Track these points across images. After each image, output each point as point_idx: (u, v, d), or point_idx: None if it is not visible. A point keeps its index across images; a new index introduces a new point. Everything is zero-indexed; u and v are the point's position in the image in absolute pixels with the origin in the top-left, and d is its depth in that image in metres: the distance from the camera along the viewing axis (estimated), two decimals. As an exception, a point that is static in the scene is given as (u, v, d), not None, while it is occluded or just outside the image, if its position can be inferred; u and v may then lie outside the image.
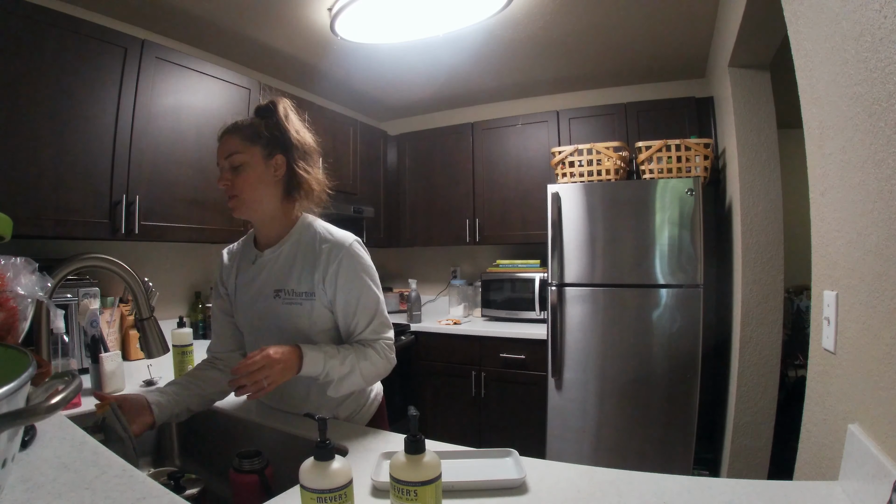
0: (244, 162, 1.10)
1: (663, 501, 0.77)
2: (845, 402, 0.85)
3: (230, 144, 1.11)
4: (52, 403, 0.44)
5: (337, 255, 1.12)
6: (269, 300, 1.16)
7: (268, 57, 2.74)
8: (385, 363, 1.16)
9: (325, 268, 1.12)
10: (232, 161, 1.10)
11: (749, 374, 2.03)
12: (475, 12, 2.19)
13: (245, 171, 1.10)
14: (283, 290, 1.14)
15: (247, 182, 1.10)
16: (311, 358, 1.04)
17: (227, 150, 1.11)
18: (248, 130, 1.12)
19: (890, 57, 0.67)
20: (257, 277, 1.18)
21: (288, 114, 1.16)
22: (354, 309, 1.14)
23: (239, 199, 1.11)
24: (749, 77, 2.00)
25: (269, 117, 1.15)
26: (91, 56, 1.78)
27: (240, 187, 1.10)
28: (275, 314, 1.15)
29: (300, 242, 1.17)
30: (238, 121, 1.15)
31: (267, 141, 1.12)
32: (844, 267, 0.87)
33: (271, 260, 1.17)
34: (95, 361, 1.56)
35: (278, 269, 1.16)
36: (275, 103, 1.16)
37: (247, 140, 1.11)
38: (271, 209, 1.15)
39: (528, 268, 3.05)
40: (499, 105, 3.58)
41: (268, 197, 1.13)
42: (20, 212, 1.59)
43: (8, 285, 0.74)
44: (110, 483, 0.64)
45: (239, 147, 1.10)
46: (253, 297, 1.19)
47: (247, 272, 1.21)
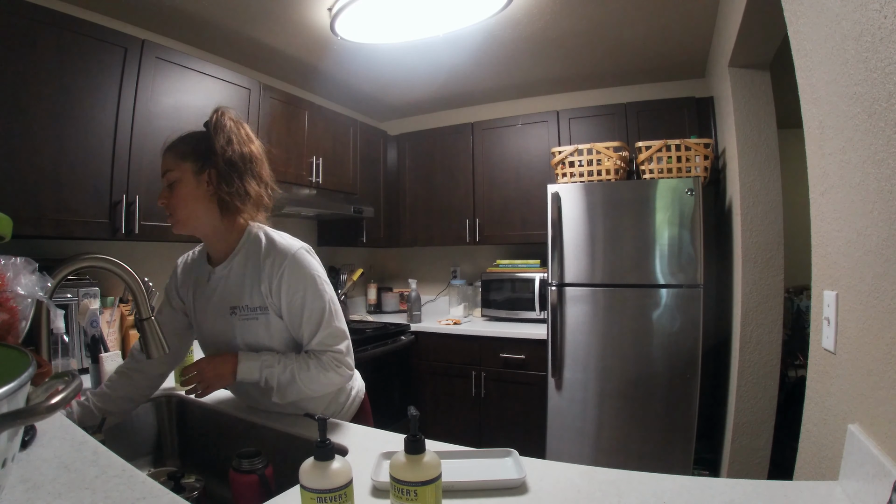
0: (176, 179, 1.10)
1: (663, 501, 0.77)
2: (845, 402, 0.85)
3: (165, 161, 1.11)
4: (52, 403, 0.44)
5: (280, 265, 1.11)
6: (227, 317, 1.15)
7: (268, 57, 2.74)
8: (332, 375, 1.13)
9: (270, 280, 1.11)
10: (167, 178, 1.10)
11: (749, 374, 2.03)
12: (475, 12, 2.19)
13: (177, 188, 1.09)
14: (238, 306, 1.14)
15: (179, 199, 1.09)
16: (245, 366, 1.09)
17: (162, 167, 1.12)
18: (179, 147, 1.11)
19: (890, 57, 0.67)
20: (213, 295, 1.18)
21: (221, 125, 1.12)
22: (299, 320, 1.13)
23: (174, 217, 1.11)
24: (749, 77, 2.00)
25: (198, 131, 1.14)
26: (91, 56, 1.78)
27: (173, 205, 1.10)
28: (234, 331, 1.15)
29: (248, 256, 1.15)
30: (175, 137, 1.15)
31: (197, 156, 1.10)
32: (844, 267, 0.87)
33: (223, 276, 1.17)
34: (95, 361, 1.56)
35: (231, 286, 1.15)
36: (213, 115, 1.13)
37: (178, 157, 1.10)
38: (211, 224, 1.13)
39: (528, 268, 3.05)
40: (499, 105, 3.58)
41: (203, 212, 1.11)
42: (20, 212, 1.59)
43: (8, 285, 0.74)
44: (110, 483, 0.64)
45: (171, 164, 1.10)
46: (212, 315, 1.19)
47: (203, 290, 1.20)
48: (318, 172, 2.81)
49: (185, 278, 1.26)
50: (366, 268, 3.66)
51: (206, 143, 1.10)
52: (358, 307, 3.70)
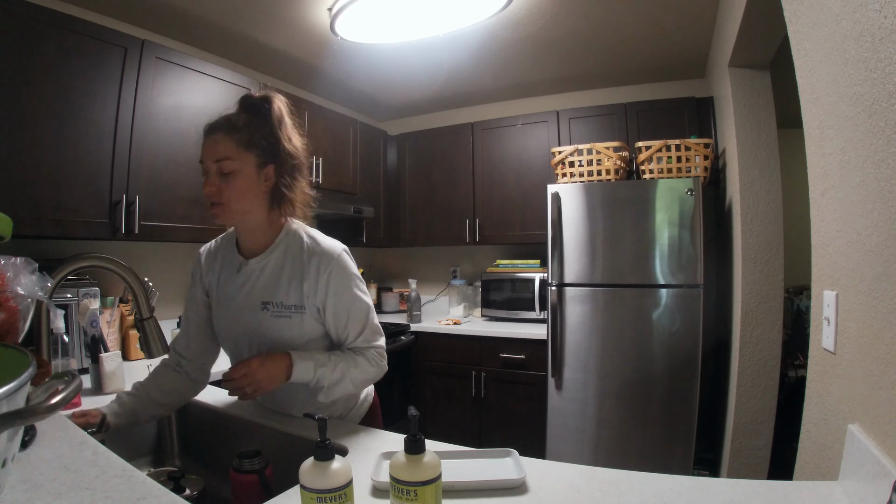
0: (236, 170, 1.03)
1: (663, 501, 0.77)
2: (845, 402, 0.85)
3: (222, 147, 1.03)
4: (52, 403, 0.44)
5: (327, 266, 1.09)
6: (257, 312, 1.11)
7: (268, 57, 2.74)
8: (376, 370, 1.15)
9: (316, 280, 1.09)
10: (222, 167, 1.02)
11: (749, 374, 2.03)
12: (475, 12, 2.19)
13: (235, 179, 1.03)
14: (272, 302, 1.10)
15: (236, 191, 1.03)
16: (301, 367, 1.05)
17: (217, 152, 1.03)
18: (243, 134, 1.04)
19: (890, 57, 0.67)
20: (243, 287, 1.13)
21: (282, 119, 1.09)
22: (346, 320, 1.12)
23: (225, 208, 1.04)
24: (749, 77, 2.00)
25: (259, 117, 1.07)
26: (91, 56, 1.78)
27: (228, 196, 1.03)
28: (263, 327, 1.11)
29: (287, 252, 1.12)
30: (230, 118, 1.06)
31: (262, 149, 1.05)
32: (844, 267, 0.87)
33: (257, 269, 1.12)
34: (95, 361, 1.56)
35: (265, 280, 1.11)
36: (269, 102, 1.08)
37: (241, 146, 1.03)
38: (258, 218, 1.10)
39: (528, 268, 3.05)
40: (499, 105, 3.58)
41: (255, 207, 1.08)
42: (20, 212, 1.59)
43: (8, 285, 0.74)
44: (110, 483, 0.64)
45: (232, 152, 1.02)
46: (239, 308, 1.14)
47: (231, 280, 1.15)
48: (318, 172, 2.81)
49: (210, 266, 1.21)
50: (366, 268, 3.66)
51: (267, 132, 1.05)
52: (358, 307, 3.68)
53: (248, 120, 1.06)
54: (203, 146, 1.05)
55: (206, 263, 1.22)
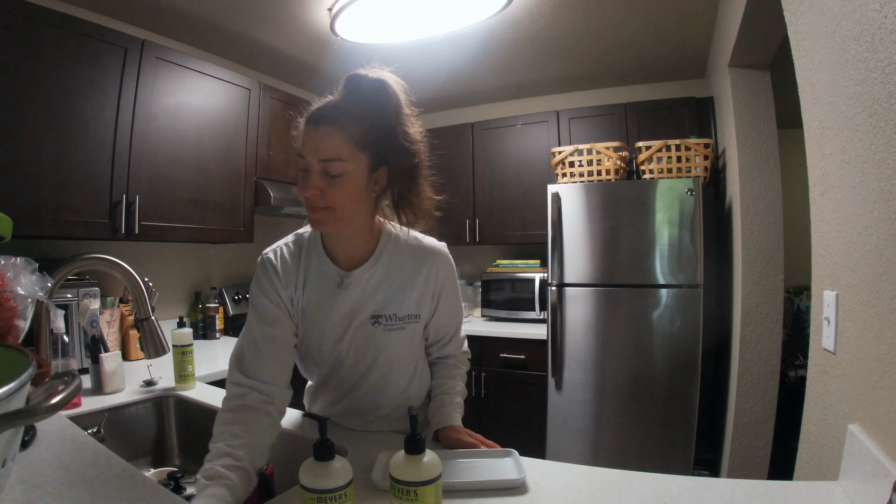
0: (346, 172, 0.86)
1: (663, 501, 0.77)
2: (845, 402, 0.85)
3: (332, 144, 0.85)
4: (52, 403, 0.44)
5: (443, 267, 1.04)
6: (367, 328, 0.99)
7: (268, 57, 2.74)
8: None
9: (434, 285, 1.03)
10: (329, 168, 0.85)
11: (749, 374, 2.03)
12: (475, 12, 2.19)
13: (345, 183, 0.86)
14: (383, 315, 0.99)
15: (345, 196, 0.87)
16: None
17: (325, 150, 0.85)
18: (357, 129, 0.87)
19: (890, 57, 0.67)
20: (345, 302, 0.98)
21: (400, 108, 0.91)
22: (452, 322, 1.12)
23: (330, 213, 0.87)
24: (749, 77, 2.00)
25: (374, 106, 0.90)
26: (91, 56, 1.78)
27: (335, 200, 0.86)
28: (375, 343, 1.00)
29: (393, 260, 1.00)
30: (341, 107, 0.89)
31: (377, 148, 0.88)
32: (844, 267, 0.87)
33: (363, 280, 0.98)
34: (95, 361, 1.56)
35: (374, 292, 0.99)
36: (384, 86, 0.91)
37: (354, 143, 0.86)
38: (360, 225, 0.96)
39: (528, 268, 3.05)
40: (499, 105, 3.58)
41: (362, 213, 0.93)
42: (20, 212, 1.59)
43: (8, 285, 0.74)
44: (110, 483, 0.64)
45: (344, 152, 0.85)
46: (339, 325, 0.99)
47: (331, 296, 0.98)
48: (318, 172, 2.81)
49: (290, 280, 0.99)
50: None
51: (381, 127, 0.89)
52: (358, 307, 3.69)
53: (361, 110, 0.89)
54: (305, 137, 0.88)
55: (284, 275, 0.99)
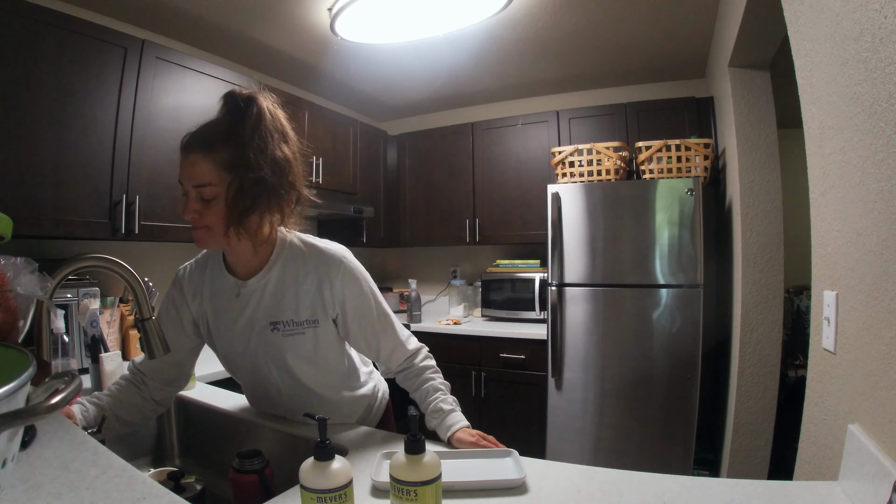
0: (217, 196, 0.91)
1: (663, 501, 0.77)
2: (845, 402, 0.85)
3: (199, 171, 0.91)
4: (52, 403, 0.44)
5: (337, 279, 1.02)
6: (266, 334, 1.04)
7: (268, 57, 2.74)
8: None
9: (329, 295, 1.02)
10: (202, 193, 0.91)
11: (749, 374, 2.03)
12: (475, 12, 2.19)
13: (219, 205, 0.92)
14: (281, 321, 1.02)
15: (219, 216, 0.92)
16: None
17: (195, 176, 0.91)
18: (223, 154, 0.91)
19: (890, 57, 0.67)
20: (244, 311, 1.05)
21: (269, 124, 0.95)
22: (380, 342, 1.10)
23: (208, 232, 0.94)
24: (749, 77, 2.00)
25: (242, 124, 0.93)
26: (91, 56, 1.78)
27: (210, 221, 0.93)
28: (276, 348, 1.04)
29: (287, 266, 1.04)
30: (207, 132, 0.94)
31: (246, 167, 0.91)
32: (844, 267, 0.87)
33: (258, 290, 1.04)
34: (95, 361, 1.56)
35: (269, 300, 1.03)
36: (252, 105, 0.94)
37: (219, 167, 0.91)
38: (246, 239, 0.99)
39: (528, 268, 3.05)
40: (499, 105, 3.58)
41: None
42: (20, 212, 1.59)
43: (8, 285, 0.74)
44: (110, 483, 0.64)
45: (211, 177, 0.91)
46: (243, 333, 1.06)
47: (229, 306, 1.06)
48: (318, 172, 2.81)
49: (195, 295, 1.10)
50: (366, 268, 3.65)
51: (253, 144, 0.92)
52: (358, 307, 3.69)
53: (229, 130, 0.93)
54: (180, 165, 0.94)
55: (190, 290, 1.11)
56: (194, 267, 1.14)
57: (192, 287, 1.11)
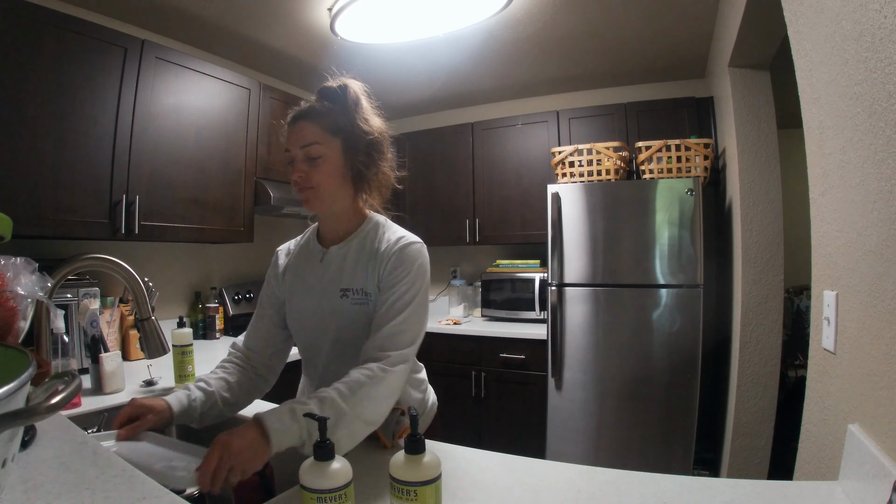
0: (324, 154, 1.03)
1: (663, 501, 0.77)
2: (845, 402, 0.85)
3: (307, 133, 1.04)
4: (52, 403, 0.44)
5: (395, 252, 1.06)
6: (336, 300, 1.09)
7: (268, 57, 2.74)
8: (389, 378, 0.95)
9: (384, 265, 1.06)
10: (309, 152, 1.03)
11: (749, 374, 2.03)
12: (475, 12, 2.19)
13: (324, 164, 1.04)
14: (350, 289, 1.08)
15: (326, 175, 1.04)
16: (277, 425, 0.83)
17: (303, 138, 1.03)
18: (328, 120, 1.05)
19: (890, 57, 0.67)
20: (324, 276, 1.12)
21: (359, 101, 1.08)
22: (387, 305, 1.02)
23: (315, 192, 1.05)
24: (749, 77, 2.00)
25: (338, 103, 1.07)
26: (91, 56, 1.78)
27: (317, 180, 1.04)
28: (344, 315, 1.08)
29: (366, 240, 1.11)
30: (314, 106, 1.07)
31: (346, 134, 1.05)
32: (844, 267, 0.87)
33: (338, 257, 1.11)
34: (95, 361, 1.56)
35: (346, 267, 1.10)
36: (345, 88, 1.07)
37: (327, 131, 1.04)
38: (344, 205, 1.11)
39: (528, 268, 3.05)
40: (499, 105, 3.58)
41: (343, 193, 1.08)
42: (20, 212, 1.59)
43: (8, 285, 0.74)
44: (110, 483, 0.64)
45: (318, 137, 1.03)
46: (318, 295, 1.11)
47: (312, 270, 1.14)
48: (318, 172, 2.81)
49: (289, 262, 1.20)
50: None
51: (348, 118, 1.06)
52: (358, 307, 3.69)
53: (329, 107, 1.07)
54: (288, 135, 1.06)
55: (284, 261, 1.21)
56: (294, 243, 1.24)
57: (287, 258, 1.21)
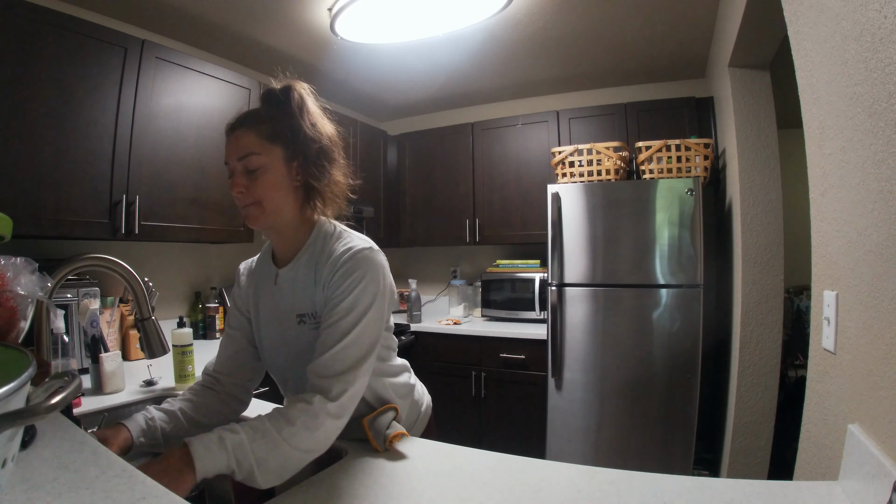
0: (263, 164, 0.92)
1: (663, 501, 0.77)
2: (845, 402, 0.85)
3: (244, 142, 0.93)
4: (52, 403, 0.44)
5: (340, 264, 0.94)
6: (294, 327, 0.99)
7: (268, 57, 2.74)
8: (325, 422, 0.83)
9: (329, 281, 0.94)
10: (248, 163, 0.92)
11: (749, 374, 2.03)
12: (475, 12, 2.19)
13: (265, 175, 0.93)
14: (306, 314, 0.97)
15: (267, 187, 0.93)
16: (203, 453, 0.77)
17: (241, 149, 0.93)
18: (266, 127, 0.94)
19: (890, 57, 0.67)
20: (280, 300, 1.01)
21: (304, 104, 0.98)
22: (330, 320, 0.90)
23: (258, 207, 0.93)
24: (749, 77, 2.00)
25: (282, 107, 0.97)
26: (91, 56, 1.78)
27: (259, 193, 0.93)
28: (299, 342, 0.98)
29: (313, 254, 0.99)
30: (251, 112, 0.98)
31: (288, 141, 0.95)
32: (844, 267, 0.87)
33: (289, 279, 1.00)
34: (95, 361, 1.56)
35: (298, 290, 0.99)
36: (288, 91, 0.97)
37: (266, 138, 0.93)
38: (289, 218, 0.98)
39: (528, 268, 3.05)
40: (499, 105, 3.58)
41: (287, 205, 0.97)
42: (20, 212, 1.59)
43: (8, 285, 0.74)
44: (110, 483, 0.64)
45: (256, 146, 0.92)
46: (279, 325, 1.02)
47: (269, 293, 1.04)
48: (318, 172, 2.81)
49: (249, 282, 1.11)
50: (366, 268, 3.65)
51: (291, 124, 0.95)
52: (358, 307, 3.69)
53: (270, 112, 0.97)
54: (226, 147, 0.96)
55: (245, 281, 1.12)
56: (253, 260, 1.15)
57: (247, 277, 1.13)
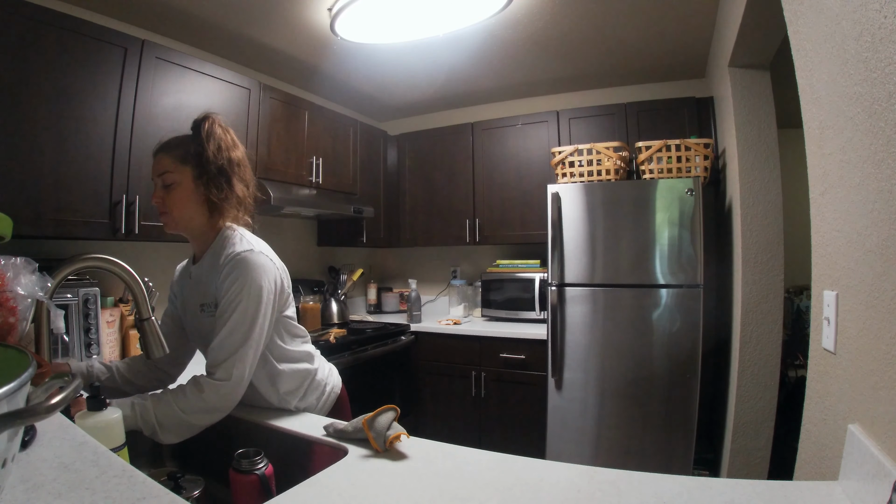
0: (175, 181, 1.17)
1: (663, 501, 0.77)
2: (845, 402, 0.85)
3: (162, 163, 1.18)
4: (52, 403, 0.44)
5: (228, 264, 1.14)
6: (198, 315, 1.22)
7: (268, 57, 2.74)
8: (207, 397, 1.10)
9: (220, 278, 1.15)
10: (164, 180, 1.17)
11: (749, 374, 2.03)
12: (475, 12, 2.19)
13: (176, 190, 1.17)
14: (206, 303, 1.20)
15: (176, 200, 1.17)
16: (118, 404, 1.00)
17: (159, 168, 1.19)
18: (179, 151, 1.18)
19: (890, 57, 0.67)
20: (192, 292, 1.25)
21: (211, 132, 1.19)
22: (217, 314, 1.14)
23: (170, 216, 1.18)
24: (749, 77, 2.00)
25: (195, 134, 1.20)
26: (91, 56, 1.78)
27: (170, 205, 1.17)
28: (202, 328, 1.22)
29: (215, 254, 1.21)
30: (171, 139, 1.22)
31: (196, 162, 1.17)
32: (844, 267, 0.87)
33: (198, 275, 1.24)
34: (95, 361, 1.56)
35: (202, 283, 1.22)
36: (199, 122, 1.20)
37: (179, 160, 1.17)
38: (199, 225, 1.21)
39: (528, 268, 3.05)
40: (499, 105, 3.58)
41: (196, 214, 1.20)
42: (20, 212, 1.59)
43: (8, 285, 0.74)
44: (110, 483, 0.64)
45: (170, 166, 1.17)
46: (189, 313, 1.28)
47: (186, 287, 1.29)
48: (318, 172, 2.81)
49: (178, 277, 1.37)
50: (366, 268, 3.66)
51: (198, 149, 1.18)
52: (358, 307, 3.70)
53: (186, 138, 1.21)
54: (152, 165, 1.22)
55: (177, 275, 1.38)
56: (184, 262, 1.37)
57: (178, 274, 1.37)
